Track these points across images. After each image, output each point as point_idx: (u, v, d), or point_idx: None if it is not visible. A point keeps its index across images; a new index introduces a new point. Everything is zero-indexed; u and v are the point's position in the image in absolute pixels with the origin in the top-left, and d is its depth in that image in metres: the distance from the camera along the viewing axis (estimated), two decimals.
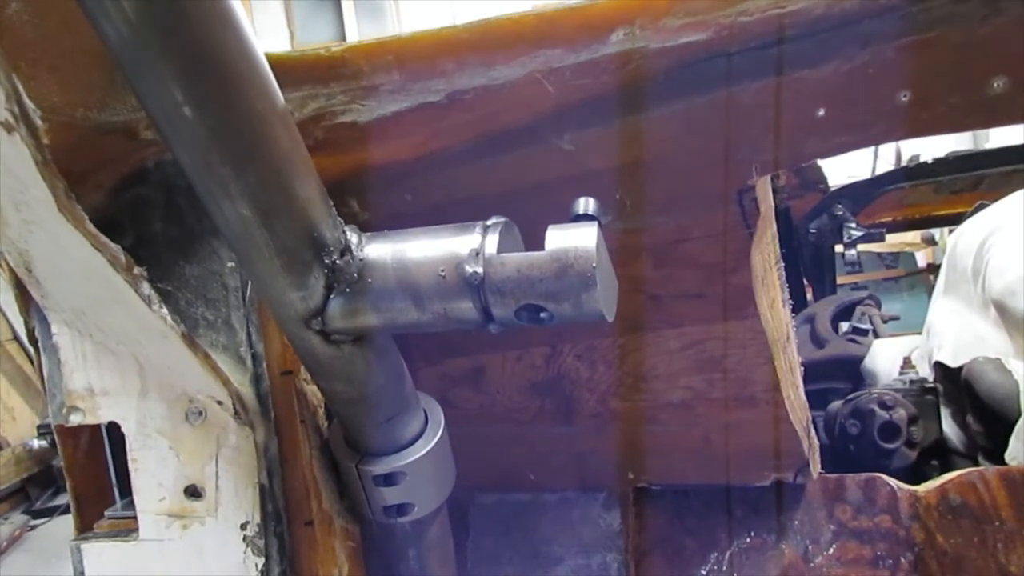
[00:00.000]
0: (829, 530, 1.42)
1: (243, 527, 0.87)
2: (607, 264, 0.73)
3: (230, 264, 0.87)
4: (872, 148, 4.24)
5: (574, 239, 0.68)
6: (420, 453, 0.91)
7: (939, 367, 1.92)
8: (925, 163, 2.67)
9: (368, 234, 0.76)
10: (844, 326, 2.59)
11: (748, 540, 1.44)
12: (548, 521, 1.47)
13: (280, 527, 0.89)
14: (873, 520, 1.40)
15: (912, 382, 1.96)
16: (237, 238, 0.68)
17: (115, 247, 0.75)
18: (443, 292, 0.71)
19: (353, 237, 0.75)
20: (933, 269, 6.08)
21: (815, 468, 1.40)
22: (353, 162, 1.04)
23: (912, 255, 6.00)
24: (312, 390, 0.94)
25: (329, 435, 0.96)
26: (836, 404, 1.93)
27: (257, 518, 0.87)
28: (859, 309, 2.59)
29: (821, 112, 1.04)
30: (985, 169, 2.61)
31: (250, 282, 0.88)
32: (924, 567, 1.36)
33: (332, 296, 0.74)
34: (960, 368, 1.82)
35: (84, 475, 1.05)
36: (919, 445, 1.80)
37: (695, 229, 1.18)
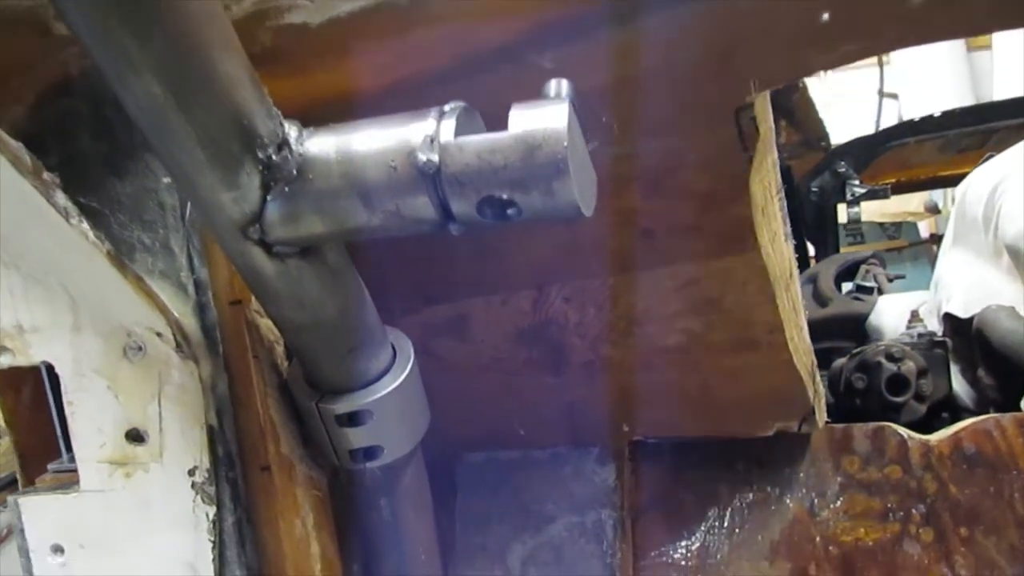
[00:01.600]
0: (836, 483, 1.32)
1: (191, 473, 0.77)
2: (581, 148, 0.62)
3: (165, 180, 0.77)
4: (875, 107, 4.11)
5: (542, 119, 0.58)
6: (387, 389, 0.82)
7: (948, 319, 1.82)
8: (931, 116, 2.56)
9: (310, 128, 0.66)
10: (848, 286, 2.50)
11: (750, 495, 1.35)
12: (539, 478, 1.37)
13: (233, 473, 0.79)
14: (882, 471, 1.31)
15: (920, 335, 1.86)
16: (153, 127, 0.58)
17: (16, 144, 0.65)
18: (394, 186, 0.61)
19: (292, 130, 0.64)
20: (936, 239, 5.96)
21: (821, 417, 1.30)
22: (313, 88, 0.94)
23: (915, 225, 5.88)
24: (267, 324, 0.84)
25: (288, 373, 0.86)
26: (840, 361, 1.83)
27: (206, 463, 0.77)
28: (863, 268, 2.49)
29: (825, 17, 0.93)
30: (994, 122, 2.49)
31: (189, 203, 0.78)
32: (937, 519, 1.26)
33: (269, 198, 0.64)
34: (971, 319, 1.72)
35: (28, 429, 0.96)
36: (928, 399, 1.69)
37: (689, 154, 1.08)
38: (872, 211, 5.32)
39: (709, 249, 1.15)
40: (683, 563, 1.33)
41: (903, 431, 1.32)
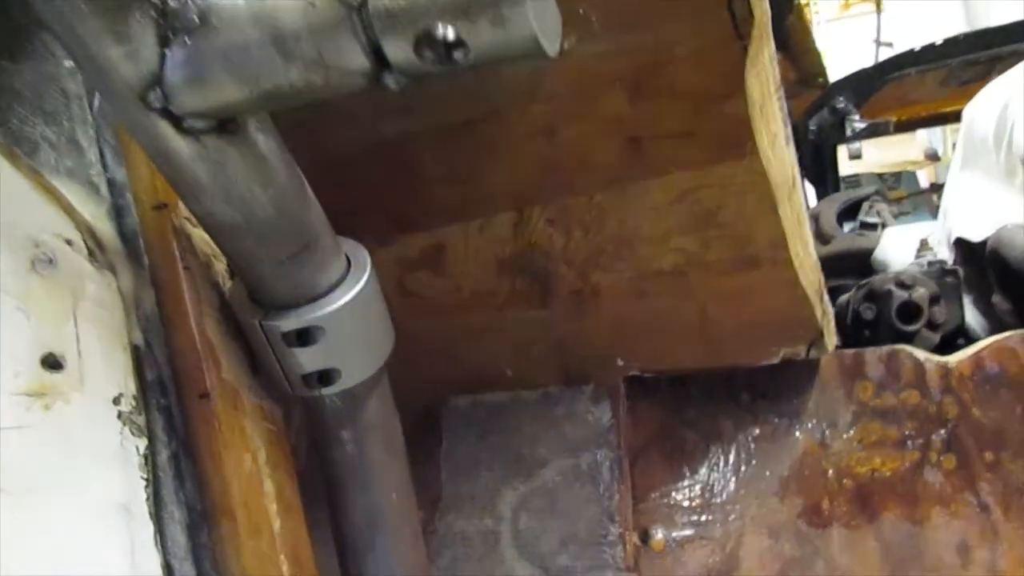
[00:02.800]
0: (849, 411, 1.22)
1: (116, 402, 0.67)
2: None
3: (67, 64, 0.66)
4: (872, 57, 3.98)
5: None
6: (339, 303, 0.71)
7: (960, 246, 1.71)
8: (933, 45, 2.43)
9: None
10: (851, 226, 2.39)
11: (756, 429, 1.25)
12: (529, 421, 1.27)
13: (166, 400, 0.69)
14: (898, 397, 1.20)
15: (931, 264, 1.76)
16: None
17: None
18: (315, 27, 0.50)
19: None
20: (937, 189, 5.84)
21: (830, 340, 1.19)
22: None
23: (914, 175, 5.75)
24: (201, 236, 0.73)
25: (230, 291, 0.76)
26: (846, 296, 1.73)
27: (132, 389, 0.67)
28: (866, 204, 2.38)
29: None
30: (998, 47, 2.37)
31: (90, 81, 0.67)
32: (959, 444, 1.16)
33: (168, 53, 0.53)
34: (984, 242, 1.61)
35: None
36: (942, 328, 1.59)
37: (677, 47, 0.97)
38: (871, 162, 5.20)
39: (703, 156, 1.04)
40: (686, 504, 1.23)
41: (919, 353, 1.21)
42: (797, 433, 1.22)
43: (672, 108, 1.01)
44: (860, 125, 2.47)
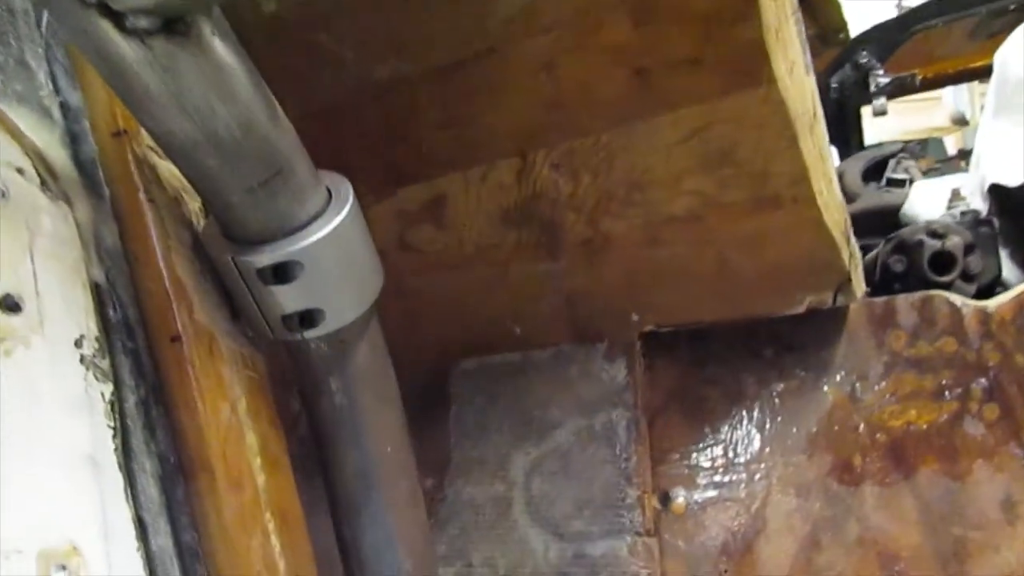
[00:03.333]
0: (880, 362, 1.15)
1: (78, 344, 0.62)
2: None
3: None
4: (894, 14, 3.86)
5: None
6: (318, 235, 0.65)
7: (995, 192, 1.62)
8: None
9: None
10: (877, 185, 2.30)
11: (781, 384, 1.18)
12: (541, 381, 1.21)
13: (132, 343, 0.64)
14: (934, 345, 1.13)
15: (964, 214, 1.67)
16: None
17: None
18: None
19: None
20: (965, 155, 5.70)
21: (858, 286, 1.12)
22: None
23: (940, 142, 5.60)
24: (169, 168, 0.68)
25: (204, 228, 0.70)
26: (874, 252, 1.65)
27: (95, 330, 0.62)
28: (893, 161, 2.28)
29: None
30: None
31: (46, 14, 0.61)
32: (1001, 393, 1.09)
33: None
34: (1021, 188, 1.53)
35: None
36: (977, 280, 1.51)
37: None
38: (895, 129, 5.07)
39: (715, 86, 0.97)
40: (708, 464, 1.17)
41: (956, 298, 1.14)
42: (825, 387, 1.16)
43: (680, 33, 0.94)
44: (884, 80, 2.38)
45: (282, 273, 0.66)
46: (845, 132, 2.60)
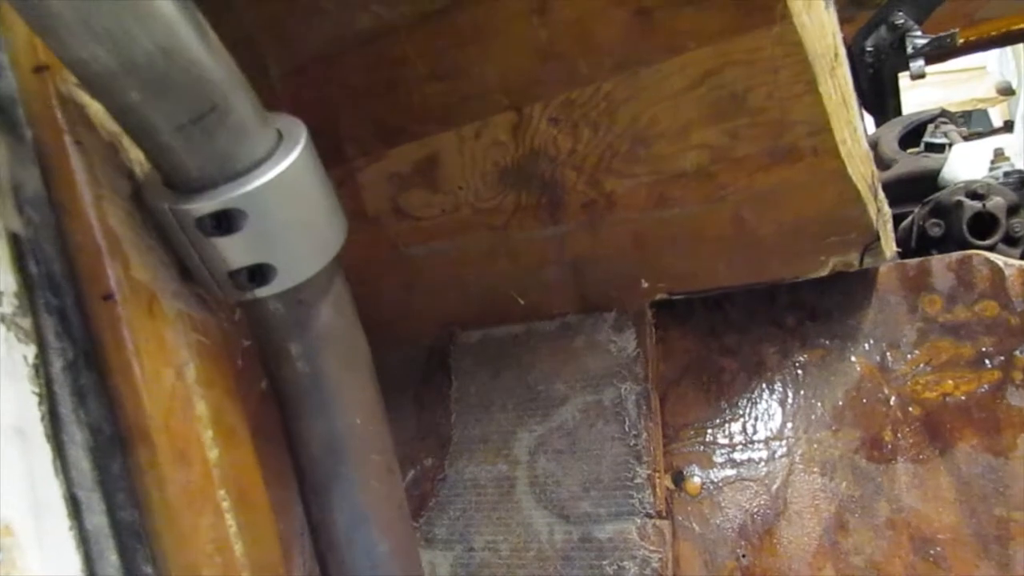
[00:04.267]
0: (913, 329, 1.05)
1: None
2: None
3: None
4: None
5: None
6: (263, 179, 0.58)
7: None
8: None
9: None
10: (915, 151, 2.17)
11: (804, 355, 1.09)
12: (545, 355, 1.14)
13: (59, 300, 0.57)
14: (972, 309, 1.03)
15: (1007, 174, 1.55)
16: None
17: None
18: None
19: None
20: (1011, 127, 5.46)
21: (888, 245, 1.03)
22: None
23: (985, 113, 5.37)
24: (99, 110, 0.61)
25: (144, 178, 0.64)
26: (908, 219, 1.54)
27: (13, 285, 0.56)
28: (931, 126, 2.16)
29: None
30: None
31: None
32: None
33: None
34: None
35: None
36: (1022, 243, 1.40)
37: None
38: (937, 100, 4.88)
39: (724, 24, 0.88)
40: (725, 441, 1.08)
41: (996, 258, 1.04)
42: (852, 357, 1.06)
43: None
44: (921, 42, 2.24)
45: (224, 223, 0.59)
46: (881, 99, 2.47)
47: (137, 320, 0.60)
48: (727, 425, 1.08)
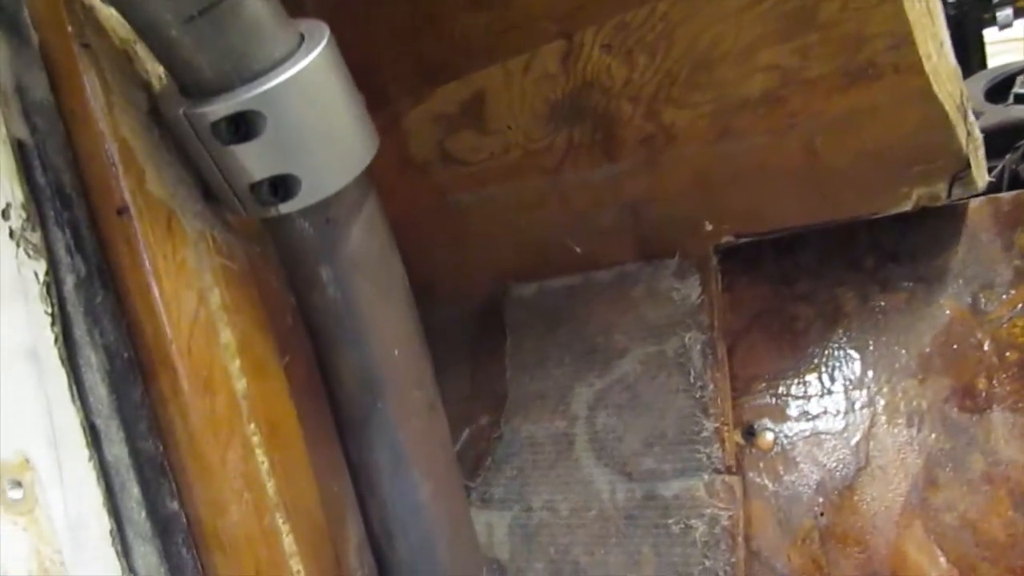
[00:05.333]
0: (1009, 268, 0.95)
1: (4, 215, 0.52)
2: None
3: None
4: None
5: None
6: (281, 78, 0.53)
7: None
8: None
9: None
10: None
11: (886, 298, 1.00)
12: (603, 306, 1.07)
13: (70, 214, 0.53)
14: None
15: None
16: None
17: None
18: None
19: None
20: None
21: (979, 174, 0.93)
22: None
23: None
24: (110, 15, 0.57)
25: (162, 87, 0.59)
26: (998, 168, 1.42)
27: (20, 197, 0.52)
28: (1020, 78, 2.01)
29: None
30: None
31: None
32: None
33: None
34: None
35: None
36: None
37: None
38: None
39: None
40: (799, 393, 1.00)
41: None
42: (940, 300, 0.97)
43: None
44: None
45: (242, 128, 0.54)
46: (965, 53, 2.31)
47: (155, 238, 0.56)
48: (802, 376, 1.00)
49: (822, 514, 0.94)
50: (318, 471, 0.67)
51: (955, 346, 0.94)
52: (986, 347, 0.93)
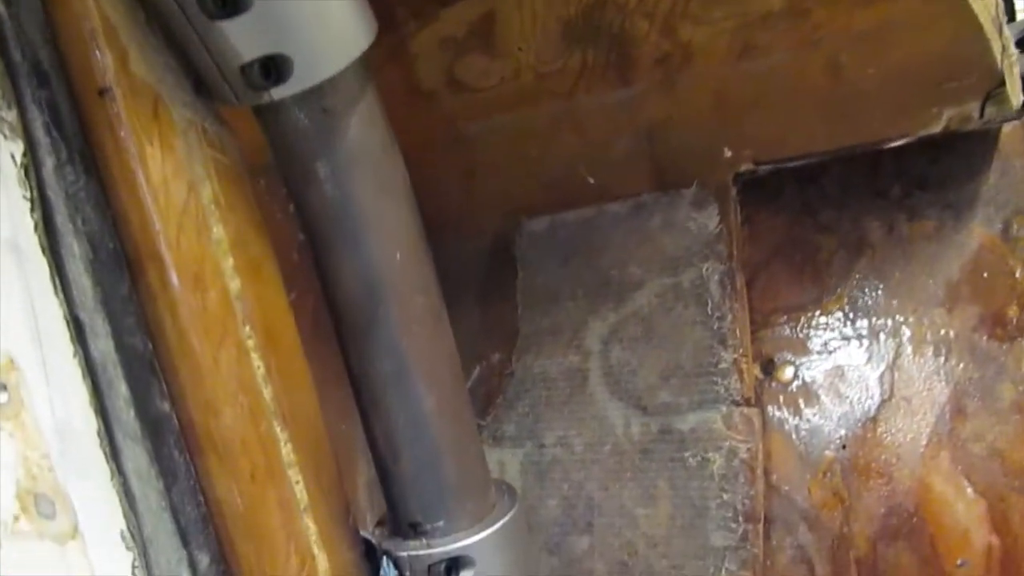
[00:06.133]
0: None
1: None
2: None
3: None
4: None
5: None
6: None
7: None
8: None
9: None
10: None
11: (912, 227, 0.95)
12: (618, 238, 1.03)
13: (48, 93, 0.50)
14: None
15: None
16: None
17: None
18: None
19: None
20: None
21: (1014, 93, 0.87)
22: None
23: None
24: None
25: None
26: None
27: None
28: None
29: None
30: None
31: None
32: None
33: None
34: None
35: None
36: None
37: None
38: None
39: None
40: (821, 325, 0.96)
41: None
42: (969, 227, 0.92)
43: None
44: None
45: (230, 2, 0.50)
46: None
47: (140, 122, 0.52)
48: (824, 308, 0.96)
49: (844, 447, 0.90)
50: (326, 412, 0.64)
51: (985, 274, 0.90)
52: (1017, 274, 0.88)
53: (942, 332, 0.89)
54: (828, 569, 0.88)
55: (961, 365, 0.88)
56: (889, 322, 0.92)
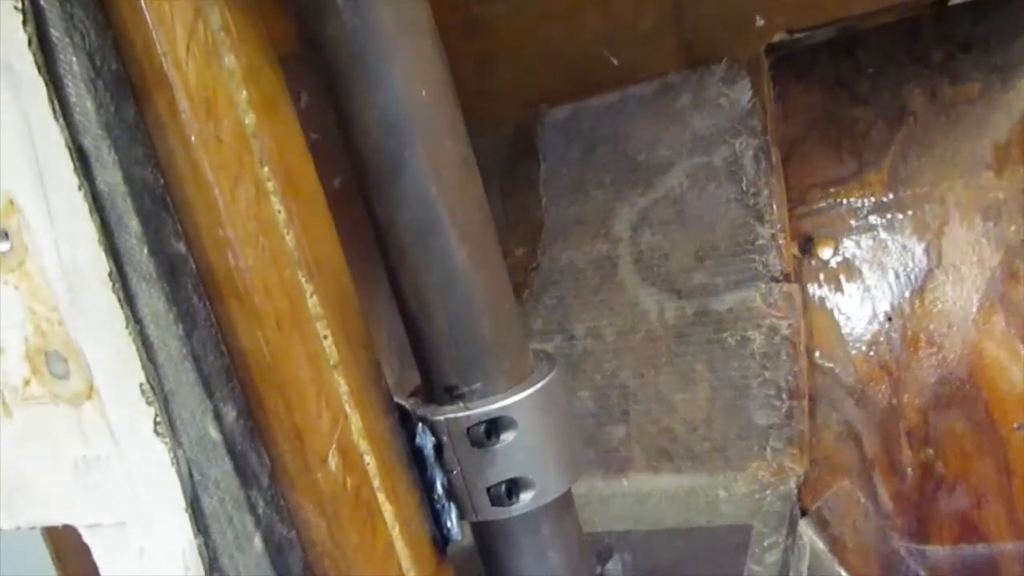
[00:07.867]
0: None
1: None
2: None
3: None
4: None
5: None
6: None
7: None
8: None
9: None
10: None
11: (956, 91, 0.89)
12: (645, 120, 0.97)
13: None
14: None
15: None
16: None
17: None
18: None
19: None
20: None
21: None
22: None
23: None
24: None
25: None
26: None
27: None
28: None
29: None
30: None
31: None
32: None
33: None
34: None
35: None
36: None
37: None
38: None
39: None
40: (861, 199, 0.90)
41: None
42: (1017, 86, 0.86)
43: None
44: None
45: None
46: None
47: None
48: (863, 180, 0.90)
49: (890, 319, 0.85)
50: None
51: None
52: None
53: (991, 195, 0.84)
54: (877, 442, 0.84)
55: (1013, 227, 0.82)
56: (934, 190, 0.86)
